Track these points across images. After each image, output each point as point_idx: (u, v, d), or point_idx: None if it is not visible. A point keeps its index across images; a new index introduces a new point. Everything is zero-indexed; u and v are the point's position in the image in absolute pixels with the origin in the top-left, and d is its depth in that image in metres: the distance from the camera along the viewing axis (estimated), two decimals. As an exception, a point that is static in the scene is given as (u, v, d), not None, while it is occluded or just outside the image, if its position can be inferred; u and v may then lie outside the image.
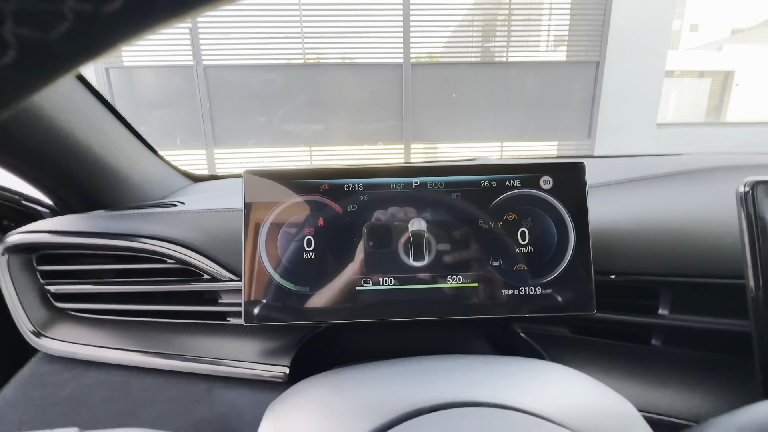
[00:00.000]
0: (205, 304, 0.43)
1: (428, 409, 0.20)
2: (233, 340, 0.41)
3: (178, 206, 0.50)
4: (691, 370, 0.37)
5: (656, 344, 0.40)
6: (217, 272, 0.42)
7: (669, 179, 0.52)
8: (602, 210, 0.44)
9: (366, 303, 0.37)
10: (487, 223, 0.38)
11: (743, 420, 0.20)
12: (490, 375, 0.25)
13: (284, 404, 0.25)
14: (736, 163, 0.54)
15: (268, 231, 0.37)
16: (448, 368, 0.26)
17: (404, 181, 0.38)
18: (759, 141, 4.04)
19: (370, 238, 0.37)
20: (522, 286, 0.37)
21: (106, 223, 0.47)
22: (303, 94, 3.44)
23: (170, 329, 0.42)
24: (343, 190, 0.38)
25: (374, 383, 0.25)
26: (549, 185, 0.38)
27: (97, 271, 0.46)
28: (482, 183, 0.38)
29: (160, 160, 0.68)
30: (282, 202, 0.37)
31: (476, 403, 0.20)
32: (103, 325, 0.44)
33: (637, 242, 0.40)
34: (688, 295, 0.38)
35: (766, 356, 0.29)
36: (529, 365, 0.27)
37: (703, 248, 0.38)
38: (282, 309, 0.36)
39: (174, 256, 0.42)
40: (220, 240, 0.43)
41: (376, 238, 0.37)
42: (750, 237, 0.30)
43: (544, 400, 0.21)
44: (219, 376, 0.38)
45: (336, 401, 0.23)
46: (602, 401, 0.23)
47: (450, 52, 3.61)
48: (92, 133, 0.49)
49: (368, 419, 0.20)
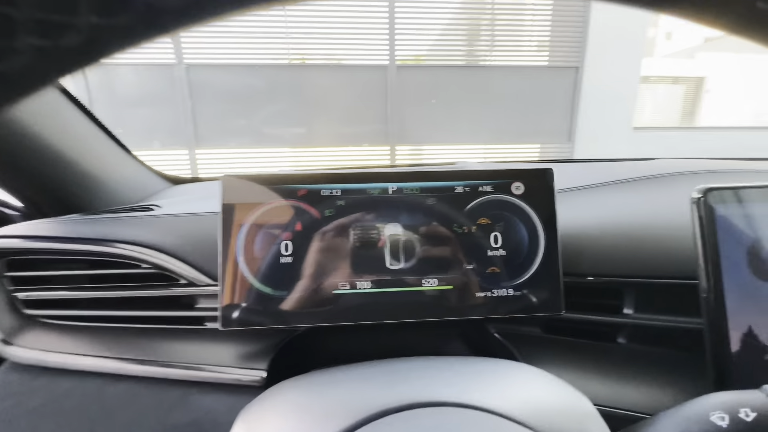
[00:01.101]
0: (181, 309, 0.43)
1: (394, 409, 0.21)
2: (210, 345, 0.41)
3: (154, 210, 0.50)
4: (653, 366, 0.39)
5: (621, 342, 0.42)
6: (194, 277, 0.42)
7: (636, 184, 0.55)
8: (572, 214, 0.46)
9: (343, 306, 0.37)
10: (461, 228, 0.39)
11: (689, 411, 0.22)
12: (457, 375, 0.26)
13: (256, 407, 0.25)
14: (700, 169, 0.57)
15: (245, 235, 0.37)
16: (417, 369, 0.27)
17: (381, 187, 0.39)
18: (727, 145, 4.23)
19: (347, 242, 0.38)
20: (495, 288, 0.39)
21: (78, 227, 0.46)
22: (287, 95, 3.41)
23: (145, 335, 0.42)
24: (320, 195, 0.38)
25: (345, 385, 0.25)
26: (520, 191, 0.40)
27: (69, 276, 0.45)
28: (456, 188, 0.39)
29: (137, 162, 0.67)
30: (259, 206, 0.37)
31: (441, 403, 0.21)
32: (75, 331, 0.43)
33: (604, 245, 0.42)
34: (650, 296, 0.40)
35: (716, 352, 0.31)
36: (494, 365, 0.28)
37: (663, 251, 0.40)
38: (260, 313, 0.37)
39: (149, 261, 0.42)
40: (196, 244, 0.43)
41: (353, 243, 0.38)
42: (702, 240, 0.32)
43: (505, 399, 0.23)
44: (195, 381, 0.38)
45: (307, 403, 0.24)
46: (561, 398, 0.25)
47: (435, 55, 3.64)
48: (63, 135, 0.48)
49: (337, 420, 0.21)
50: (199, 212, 0.46)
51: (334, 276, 0.37)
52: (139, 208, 0.51)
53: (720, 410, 0.20)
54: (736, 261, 0.32)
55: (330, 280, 0.37)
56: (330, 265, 0.37)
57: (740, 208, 0.32)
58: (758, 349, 0.31)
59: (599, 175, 0.58)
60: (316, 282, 0.37)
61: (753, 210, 0.32)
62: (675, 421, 0.22)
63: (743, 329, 0.31)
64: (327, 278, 0.37)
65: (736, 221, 0.32)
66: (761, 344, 0.31)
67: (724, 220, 0.32)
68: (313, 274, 0.37)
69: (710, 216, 0.32)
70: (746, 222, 0.32)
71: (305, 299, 0.37)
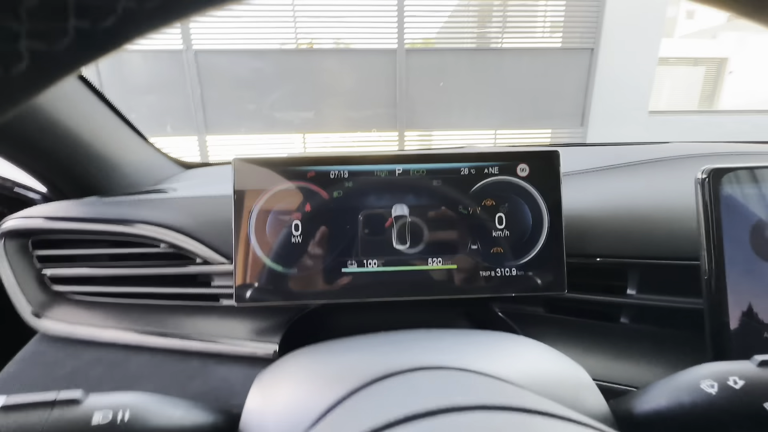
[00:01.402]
0: (198, 287, 0.45)
1: (397, 371, 0.22)
2: (225, 320, 0.43)
3: (170, 193, 0.51)
4: (653, 344, 0.40)
5: (624, 322, 0.42)
6: (209, 256, 0.43)
7: (644, 166, 0.54)
8: (578, 196, 0.46)
9: (351, 284, 0.39)
10: (466, 209, 0.40)
11: (680, 379, 0.23)
12: (458, 344, 0.27)
13: (270, 373, 0.27)
14: (710, 151, 0.56)
15: (257, 216, 0.39)
16: (420, 339, 0.28)
17: (388, 169, 0.40)
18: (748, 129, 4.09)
19: (355, 222, 0.39)
20: (499, 267, 0.40)
21: (99, 209, 0.48)
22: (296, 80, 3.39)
23: (164, 310, 0.44)
24: (329, 177, 0.39)
25: (352, 352, 0.27)
26: (525, 172, 0.40)
27: (91, 255, 0.47)
28: (462, 170, 0.40)
29: (151, 147, 0.69)
30: (270, 188, 0.39)
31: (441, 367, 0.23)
32: (99, 307, 0.46)
33: (608, 226, 0.42)
34: (654, 276, 0.41)
35: (715, 331, 0.32)
36: (495, 337, 0.30)
37: (668, 232, 0.41)
38: (272, 291, 0.38)
39: (167, 241, 0.44)
40: (211, 225, 0.44)
41: (361, 223, 0.39)
42: (705, 221, 0.32)
43: (503, 365, 0.24)
44: (212, 353, 0.41)
45: (317, 368, 0.26)
46: (558, 368, 0.26)
47: (445, 38, 3.57)
48: (83, 121, 0.50)
49: (345, 382, 0.22)
50: (213, 195, 0.48)
51: (343, 255, 0.39)
52: (156, 191, 0.53)
53: (710, 378, 0.21)
54: (739, 241, 0.32)
55: (338, 259, 0.39)
56: (338, 244, 0.39)
57: (745, 189, 0.32)
58: (757, 328, 0.32)
59: (609, 159, 0.57)
60: (325, 261, 0.39)
61: (758, 190, 0.32)
62: (666, 389, 0.23)
63: (743, 308, 0.32)
64: (336, 257, 0.39)
65: (740, 202, 0.32)
66: (760, 322, 0.32)
67: (728, 201, 0.32)
68: (322, 253, 0.39)
69: (714, 197, 0.32)
70: (750, 202, 0.32)
71: (315, 277, 0.39)
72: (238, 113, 3.42)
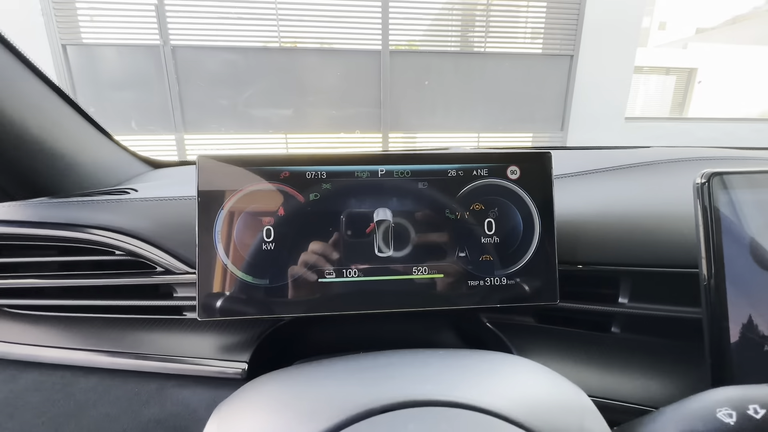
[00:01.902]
0: (159, 298, 0.41)
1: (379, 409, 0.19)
2: (188, 336, 0.38)
3: (130, 194, 0.47)
4: (648, 356, 0.38)
5: (616, 332, 0.41)
6: (171, 264, 0.39)
7: (634, 170, 0.53)
8: (568, 200, 0.44)
9: (329, 295, 0.35)
10: (453, 213, 0.37)
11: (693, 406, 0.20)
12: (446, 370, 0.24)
13: (230, 404, 0.24)
14: (697, 156, 0.56)
15: (224, 220, 0.35)
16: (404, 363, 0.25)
17: (369, 169, 0.37)
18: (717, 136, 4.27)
19: (334, 228, 0.36)
20: (488, 276, 0.37)
21: (46, 211, 0.43)
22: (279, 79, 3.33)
23: (118, 325, 0.40)
24: (305, 177, 0.36)
25: (327, 381, 0.24)
26: (516, 175, 0.38)
27: (37, 263, 0.42)
28: (449, 172, 0.37)
29: (114, 143, 0.64)
30: (239, 189, 0.35)
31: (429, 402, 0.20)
32: (43, 321, 0.40)
33: (600, 232, 0.40)
34: (647, 284, 0.39)
35: (714, 342, 0.30)
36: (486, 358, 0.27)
37: (661, 238, 0.39)
38: (240, 302, 0.35)
39: (122, 248, 0.39)
40: (173, 230, 0.40)
41: (340, 228, 0.36)
42: (705, 227, 0.30)
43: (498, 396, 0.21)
44: (172, 374, 0.36)
45: (286, 399, 0.22)
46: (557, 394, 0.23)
47: (429, 41, 3.58)
48: (29, 113, 0.45)
49: (317, 420, 0.19)
50: (177, 196, 0.44)
51: (319, 263, 0.35)
52: (114, 192, 0.48)
53: (727, 406, 0.19)
54: (738, 249, 0.31)
55: (315, 267, 0.35)
56: (315, 252, 0.35)
57: (745, 194, 0.31)
58: (758, 341, 0.30)
59: (594, 162, 0.56)
60: (300, 270, 0.35)
61: (758, 196, 0.31)
62: (679, 418, 0.20)
63: (743, 319, 0.30)
64: (311, 266, 0.35)
65: (740, 207, 0.31)
66: (761, 335, 0.30)
67: (728, 206, 0.31)
68: (297, 261, 0.35)
69: (714, 202, 0.30)
70: (750, 208, 0.31)
71: (288, 288, 0.35)
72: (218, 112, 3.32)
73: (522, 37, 3.69)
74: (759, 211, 0.31)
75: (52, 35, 2.94)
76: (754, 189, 0.31)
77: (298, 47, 3.34)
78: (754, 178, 0.31)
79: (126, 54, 3.13)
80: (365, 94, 3.47)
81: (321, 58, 3.38)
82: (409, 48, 3.52)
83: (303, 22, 3.24)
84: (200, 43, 3.16)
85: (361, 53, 3.38)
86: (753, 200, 0.31)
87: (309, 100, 3.42)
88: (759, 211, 0.31)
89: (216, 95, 3.29)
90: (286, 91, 3.37)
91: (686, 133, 4.39)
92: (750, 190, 0.31)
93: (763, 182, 0.31)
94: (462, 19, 3.64)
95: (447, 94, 3.59)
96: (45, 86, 0.50)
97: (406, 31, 3.43)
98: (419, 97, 3.56)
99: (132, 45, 3.10)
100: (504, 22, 3.59)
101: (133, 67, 3.15)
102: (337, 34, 3.31)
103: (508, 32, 3.62)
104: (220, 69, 3.25)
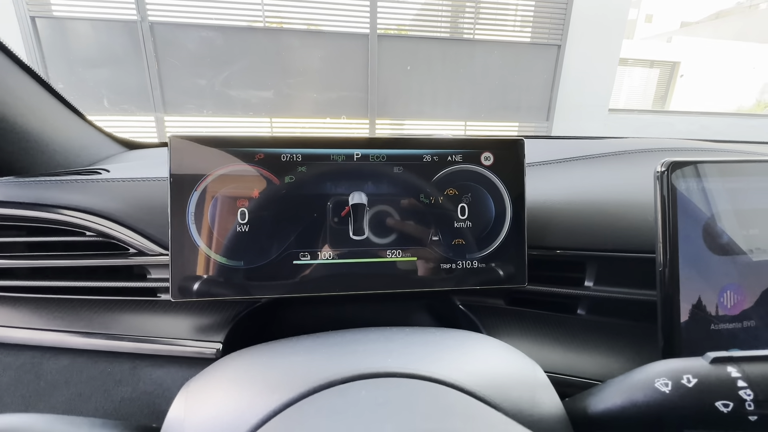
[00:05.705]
0: (133, 280, 0.40)
1: (339, 380, 0.20)
2: (162, 317, 0.39)
3: (102, 174, 0.46)
4: (607, 336, 0.40)
5: (581, 313, 0.43)
6: (144, 246, 0.39)
7: (606, 159, 0.55)
8: (541, 187, 0.45)
9: (304, 277, 0.36)
10: (428, 198, 0.38)
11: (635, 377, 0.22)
12: (408, 346, 0.25)
13: (199, 380, 0.24)
14: (667, 146, 0.58)
15: (197, 202, 0.34)
16: (367, 340, 0.26)
17: (345, 153, 0.37)
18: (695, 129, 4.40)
19: (309, 210, 0.36)
20: (460, 259, 0.38)
21: (14, 191, 0.42)
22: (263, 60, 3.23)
23: (92, 306, 0.39)
24: (280, 160, 0.36)
25: (291, 357, 0.24)
26: (490, 161, 0.39)
27: (4, 244, 0.41)
28: (425, 157, 0.38)
29: (85, 123, 0.62)
30: (213, 171, 0.35)
31: (388, 374, 0.21)
32: (10, 303, 0.40)
33: (568, 218, 0.42)
34: (611, 269, 0.41)
35: (666, 322, 0.32)
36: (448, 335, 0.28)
37: (626, 225, 0.41)
38: (214, 284, 0.35)
39: (93, 228, 0.39)
40: (146, 211, 0.40)
41: (315, 211, 0.36)
42: (662, 214, 0.32)
43: (454, 369, 0.22)
44: (145, 354, 0.36)
45: (250, 375, 0.23)
46: (513, 368, 0.24)
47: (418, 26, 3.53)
48: (-8, 88, 0.43)
49: (278, 392, 0.20)
50: (150, 177, 0.43)
51: (294, 246, 0.36)
52: (84, 172, 0.47)
53: (664, 377, 0.21)
54: (693, 235, 0.32)
55: (290, 250, 0.36)
56: (289, 234, 0.36)
57: (701, 183, 0.33)
58: (705, 319, 0.32)
59: (571, 151, 0.57)
60: (275, 252, 0.35)
61: (713, 185, 0.33)
62: (621, 388, 0.22)
63: (693, 301, 0.32)
64: (286, 248, 0.36)
65: (697, 196, 0.32)
66: (708, 315, 0.32)
67: (685, 195, 0.32)
68: (271, 243, 0.35)
69: (672, 190, 0.32)
70: (706, 196, 0.32)
71: (262, 270, 0.35)
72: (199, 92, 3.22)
73: (511, 25, 3.67)
74: (714, 199, 0.33)
75: (19, 7, 2.78)
76: (711, 178, 0.33)
77: (283, 27, 3.24)
78: (712, 168, 0.32)
79: (101, 29, 2.98)
80: (352, 79, 3.42)
81: (307, 40, 3.29)
82: (398, 33, 3.46)
83: (289, 2, 3.14)
84: (181, 20, 3.04)
85: (349, 36, 3.31)
86: (709, 188, 0.33)
87: (294, 83, 3.34)
88: (714, 199, 0.33)
89: (197, 75, 3.18)
90: (271, 73, 3.29)
91: (667, 125, 4.50)
92: (707, 179, 0.33)
93: (718, 172, 0.33)
94: (452, 5, 3.59)
95: (435, 81, 3.57)
96: (11, 62, 0.48)
97: (395, 15, 3.36)
98: (407, 84, 3.53)
99: (107, 20, 2.95)
100: (493, 9, 3.57)
101: (108, 44, 3.01)
102: (324, 16, 3.23)
103: (498, 19, 3.60)
104: (201, 48, 3.13)
